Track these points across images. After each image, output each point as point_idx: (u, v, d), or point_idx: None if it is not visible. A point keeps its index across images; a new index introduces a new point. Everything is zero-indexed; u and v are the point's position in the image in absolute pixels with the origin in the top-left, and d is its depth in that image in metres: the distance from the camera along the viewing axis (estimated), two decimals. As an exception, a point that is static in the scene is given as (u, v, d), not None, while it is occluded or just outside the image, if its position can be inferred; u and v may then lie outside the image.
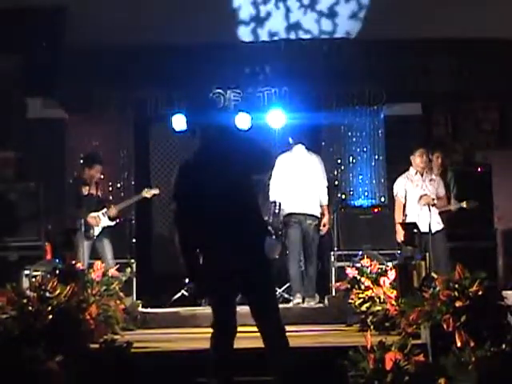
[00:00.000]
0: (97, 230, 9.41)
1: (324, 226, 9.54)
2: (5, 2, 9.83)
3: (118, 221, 9.69)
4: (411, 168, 9.15)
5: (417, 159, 9.06)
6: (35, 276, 7.95)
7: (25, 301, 6.10)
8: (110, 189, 10.99)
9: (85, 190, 9.39)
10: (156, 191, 9.99)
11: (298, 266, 9.46)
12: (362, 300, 7.88)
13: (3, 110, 10.61)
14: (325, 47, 10.79)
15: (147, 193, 9.92)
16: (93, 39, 10.03)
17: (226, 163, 4.93)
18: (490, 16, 10.01)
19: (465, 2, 10.01)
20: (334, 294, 9.23)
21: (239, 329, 5.04)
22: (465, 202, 9.23)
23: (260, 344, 5.04)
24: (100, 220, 9.43)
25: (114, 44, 10.23)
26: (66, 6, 10.13)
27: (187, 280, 9.09)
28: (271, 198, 9.48)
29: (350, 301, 8.04)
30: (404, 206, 9.00)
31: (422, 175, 9.07)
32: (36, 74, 10.49)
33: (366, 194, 11.36)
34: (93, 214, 9.38)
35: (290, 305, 9.27)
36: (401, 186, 9.14)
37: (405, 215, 8.92)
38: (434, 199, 8.85)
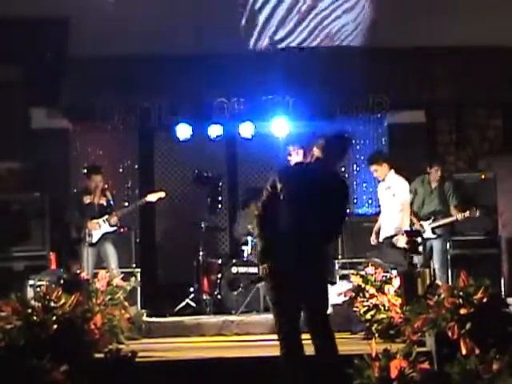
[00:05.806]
0: (96, 236, 9.36)
1: None
2: (7, 12, 9.85)
3: (118, 227, 9.61)
4: None
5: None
6: (40, 286, 7.95)
7: (29, 311, 6.08)
8: (114, 198, 10.98)
9: (87, 199, 9.39)
10: (162, 194, 9.73)
11: None
12: (366, 308, 7.87)
13: (7, 120, 10.63)
14: (328, 55, 10.80)
15: (152, 196, 9.68)
16: (96, 49, 10.06)
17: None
18: (492, 24, 10.02)
19: (466, 10, 10.02)
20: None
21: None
22: (468, 212, 9.19)
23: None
24: (100, 226, 9.40)
25: (117, 54, 10.25)
26: (68, 17, 10.15)
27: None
28: None
29: (355, 309, 8.03)
30: None
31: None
32: (39, 84, 10.52)
33: (370, 201, 11.36)
34: (94, 221, 9.38)
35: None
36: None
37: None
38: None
